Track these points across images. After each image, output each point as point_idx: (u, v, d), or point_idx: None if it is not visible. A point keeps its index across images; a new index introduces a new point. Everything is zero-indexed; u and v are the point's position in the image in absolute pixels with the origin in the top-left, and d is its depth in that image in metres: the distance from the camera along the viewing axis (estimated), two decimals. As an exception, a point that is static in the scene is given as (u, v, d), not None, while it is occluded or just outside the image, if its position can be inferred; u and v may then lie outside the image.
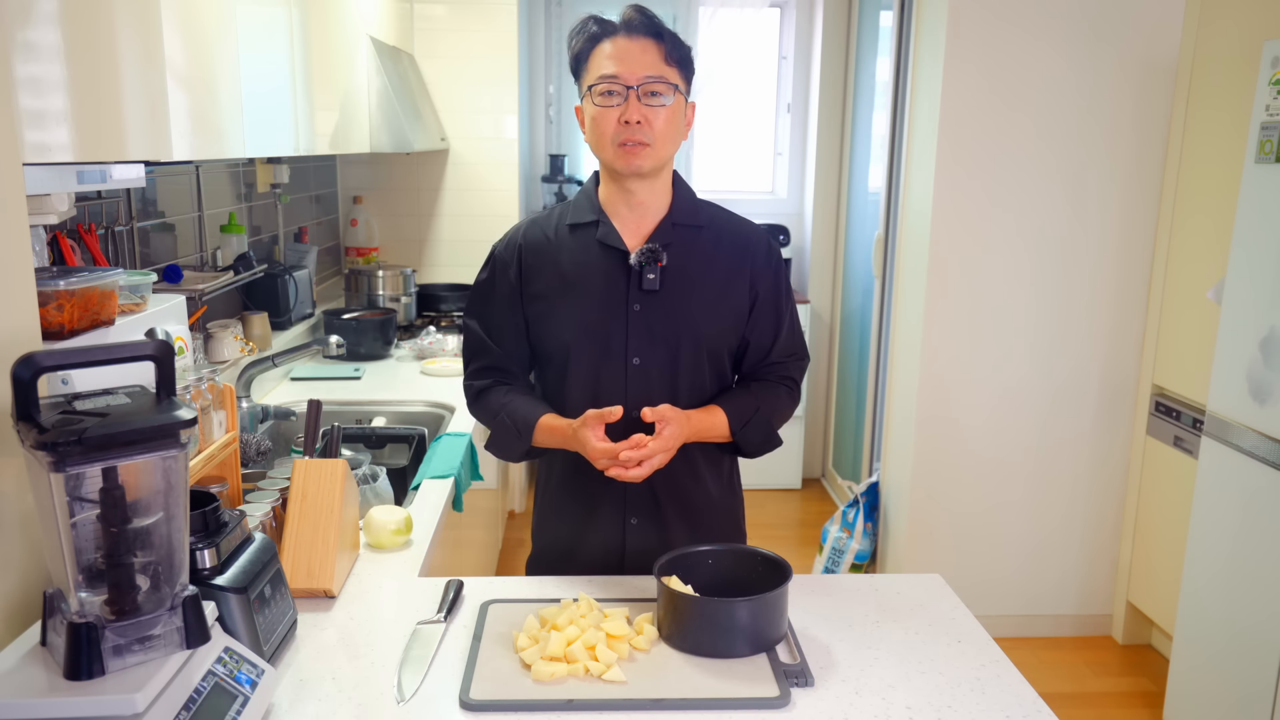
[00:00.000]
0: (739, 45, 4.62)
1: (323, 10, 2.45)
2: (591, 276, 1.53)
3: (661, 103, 1.46)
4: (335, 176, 4.04)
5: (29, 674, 1.02)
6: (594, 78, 1.47)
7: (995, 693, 1.24)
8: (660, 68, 1.46)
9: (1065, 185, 3.06)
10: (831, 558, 3.47)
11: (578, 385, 1.54)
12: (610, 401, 1.51)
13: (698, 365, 1.55)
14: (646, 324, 1.52)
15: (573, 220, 1.56)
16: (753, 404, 1.56)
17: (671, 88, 1.47)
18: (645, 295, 1.52)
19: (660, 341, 1.52)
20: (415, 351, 3.24)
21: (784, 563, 1.37)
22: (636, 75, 1.44)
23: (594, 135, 1.50)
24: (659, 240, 1.53)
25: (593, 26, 1.48)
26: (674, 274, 1.52)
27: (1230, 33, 2.74)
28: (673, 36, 1.49)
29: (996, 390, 3.18)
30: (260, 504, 1.60)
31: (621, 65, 1.44)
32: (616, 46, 1.46)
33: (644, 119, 1.45)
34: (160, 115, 1.44)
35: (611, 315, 1.52)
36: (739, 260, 1.57)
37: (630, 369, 1.53)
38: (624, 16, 1.48)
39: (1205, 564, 2.50)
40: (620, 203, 1.54)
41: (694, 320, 1.53)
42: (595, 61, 1.47)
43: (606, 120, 1.46)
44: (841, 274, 4.54)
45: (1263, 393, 2.30)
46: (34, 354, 1.00)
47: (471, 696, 1.19)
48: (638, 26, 1.46)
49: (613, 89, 1.45)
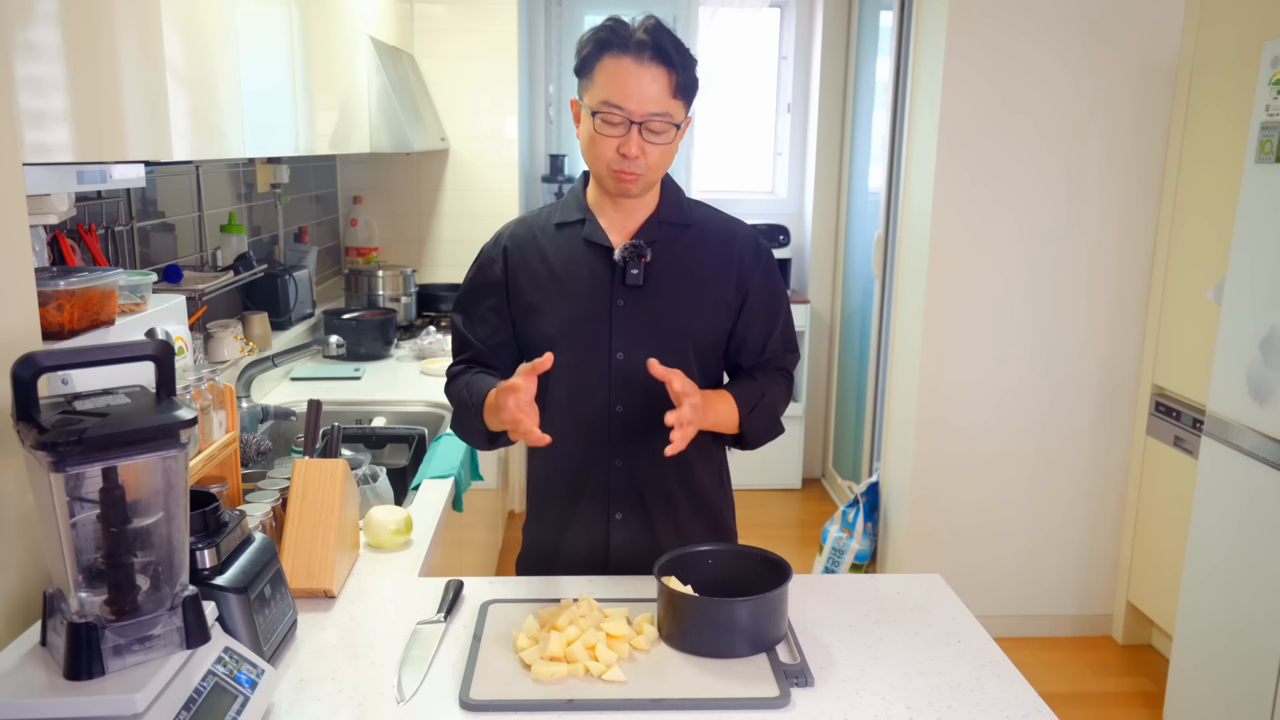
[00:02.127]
0: (739, 45, 4.62)
1: (323, 10, 2.45)
2: (576, 273, 1.54)
3: (662, 140, 1.46)
4: (335, 176, 4.04)
5: (29, 674, 1.02)
6: (598, 100, 1.44)
7: (995, 693, 1.24)
8: (666, 102, 1.44)
9: (1065, 185, 3.06)
10: (831, 558, 3.47)
11: (562, 381, 1.54)
12: (594, 397, 1.52)
13: (684, 362, 1.54)
14: (631, 320, 1.52)
15: (560, 219, 1.58)
16: (757, 390, 1.57)
17: (673, 126, 1.46)
18: (629, 291, 1.52)
19: (645, 337, 1.52)
20: (415, 351, 3.24)
21: (784, 563, 1.37)
22: (642, 111, 1.42)
23: (589, 153, 1.49)
24: (644, 237, 1.53)
25: (604, 34, 1.44)
26: (659, 270, 1.53)
27: (1230, 33, 2.74)
28: (684, 61, 1.45)
29: (996, 390, 3.18)
30: (260, 504, 1.60)
31: (628, 97, 1.42)
32: (625, 70, 1.42)
33: (642, 152, 1.44)
34: (160, 115, 1.44)
35: (595, 311, 1.53)
36: (726, 257, 1.57)
37: (614, 364, 1.53)
38: (638, 37, 1.43)
39: (1205, 564, 2.50)
40: (608, 203, 1.55)
41: (679, 316, 1.54)
42: (603, 77, 1.44)
43: (604, 145, 1.45)
44: (841, 274, 4.54)
45: (1263, 393, 2.30)
46: (34, 354, 1.00)
47: (471, 696, 1.19)
48: (652, 51, 1.42)
49: (615, 120, 1.44)
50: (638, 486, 1.58)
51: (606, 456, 1.57)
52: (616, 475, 1.57)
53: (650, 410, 1.53)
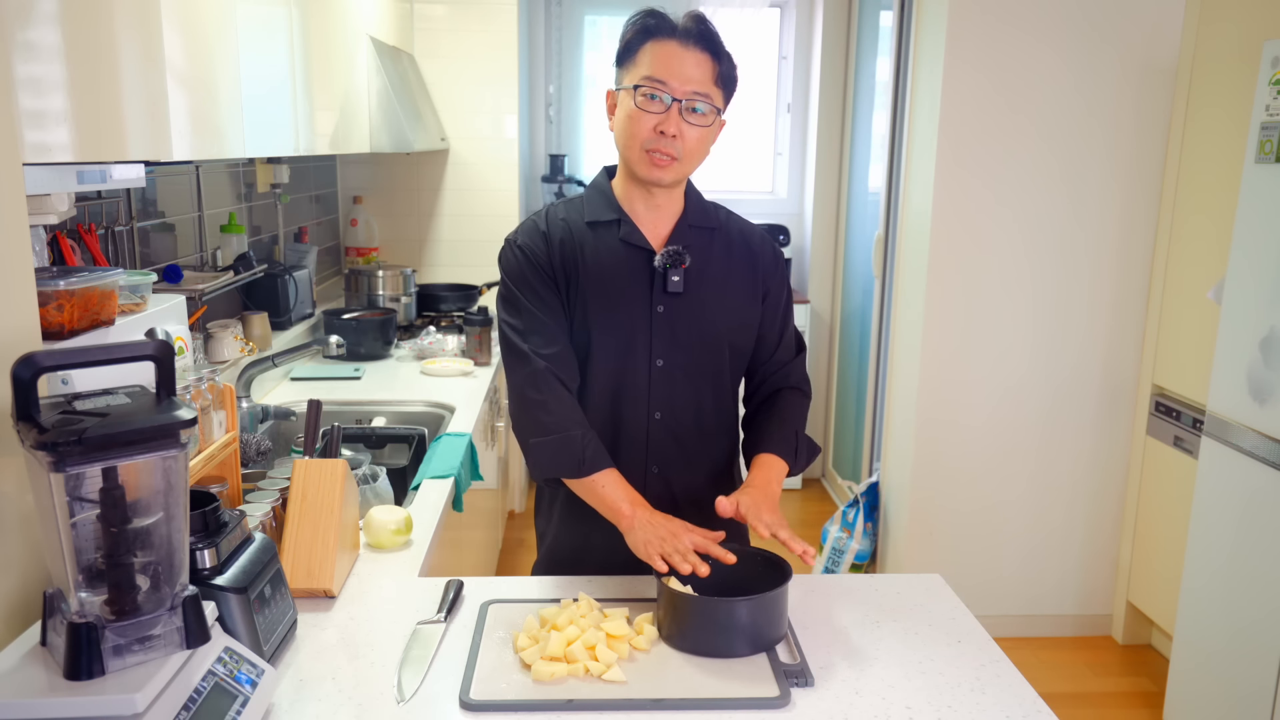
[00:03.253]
0: (739, 45, 4.62)
1: (323, 10, 2.45)
2: (616, 275, 1.51)
3: (702, 122, 1.45)
4: (335, 176, 4.03)
5: (29, 674, 1.02)
6: (640, 76, 1.43)
7: (995, 693, 1.24)
8: (708, 85, 1.44)
9: (1065, 185, 3.06)
10: (831, 558, 3.47)
11: (599, 385, 1.53)
12: (633, 402, 1.51)
13: (719, 367, 1.55)
14: (670, 326, 1.52)
15: (592, 217, 1.54)
16: (790, 430, 1.57)
17: (714, 110, 1.46)
18: (669, 297, 1.51)
19: (683, 344, 1.53)
20: (415, 351, 3.24)
21: (784, 563, 1.37)
22: (685, 88, 1.42)
23: (625, 133, 1.47)
24: (678, 242, 1.52)
25: (650, 21, 1.45)
26: (693, 276, 1.52)
27: (1230, 33, 2.74)
28: (729, 57, 1.46)
29: (996, 390, 3.18)
30: (260, 504, 1.59)
31: (671, 73, 1.42)
32: (670, 51, 1.42)
33: (680, 133, 1.44)
34: (160, 115, 1.44)
35: (635, 316, 1.51)
36: (752, 261, 1.58)
37: (654, 371, 1.53)
38: (684, 24, 1.44)
39: (1205, 564, 2.50)
40: (638, 201, 1.53)
41: (715, 322, 1.54)
42: (645, 59, 1.44)
43: (642, 123, 1.44)
44: (841, 274, 4.54)
45: (1263, 393, 2.30)
46: (34, 354, 1.00)
47: (471, 696, 1.19)
48: (696, 36, 1.43)
49: (657, 93, 1.43)
50: (672, 492, 1.58)
51: (643, 462, 1.57)
52: (652, 481, 1.57)
53: (688, 418, 1.54)
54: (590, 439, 1.46)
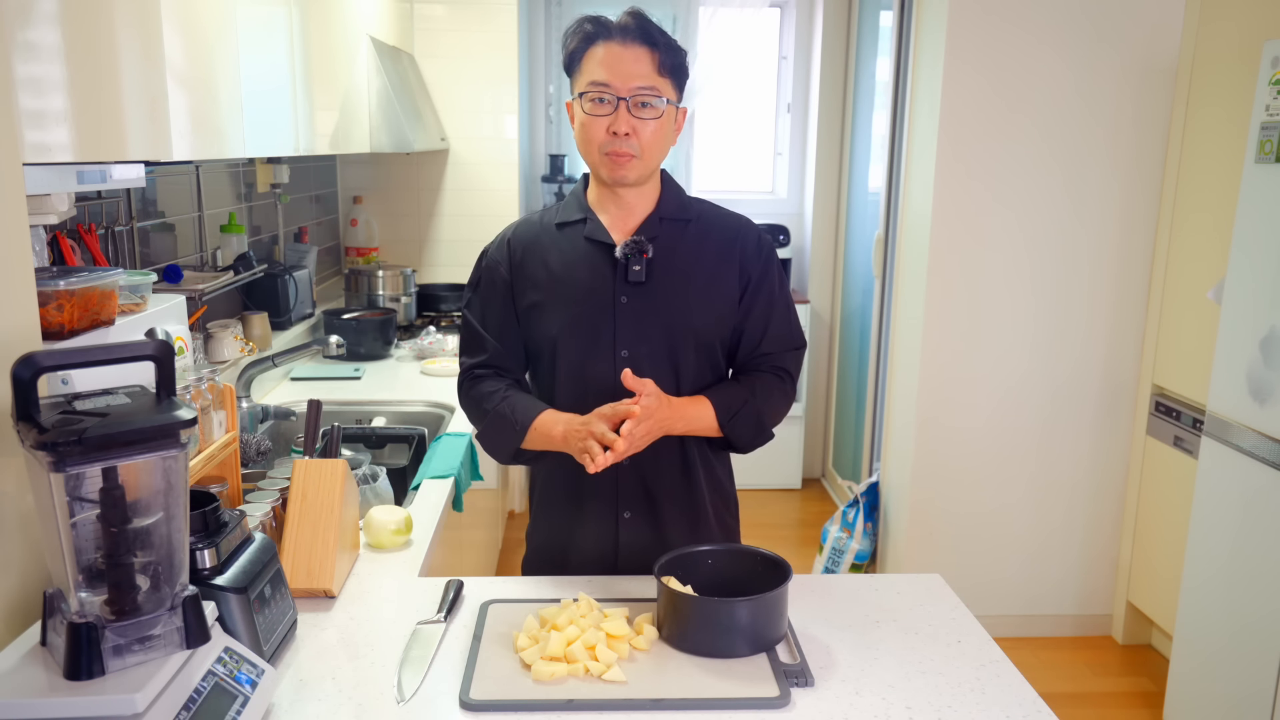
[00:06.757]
0: (739, 45, 4.62)
1: (323, 10, 2.45)
2: (579, 271, 1.54)
3: (651, 115, 1.46)
4: (335, 176, 4.04)
5: (29, 674, 1.02)
6: (585, 83, 1.47)
7: (995, 693, 1.24)
8: (652, 78, 1.45)
9: (1065, 185, 3.06)
10: (831, 558, 3.47)
11: (567, 378, 1.55)
12: (601, 394, 1.50)
13: (689, 358, 1.54)
14: (635, 316, 1.52)
15: (561, 219, 1.58)
16: (742, 395, 1.55)
17: (662, 100, 1.47)
18: (632, 287, 1.52)
19: (649, 334, 1.52)
20: (415, 351, 3.24)
21: (784, 563, 1.37)
22: (628, 86, 1.44)
23: (582, 140, 1.50)
24: (646, 233, 1.53)
25: (588, 26, 1.48)
26: (661, 266, 1.53)
27: (1230, 33, 2.74)
28: (667, 44, 1.48)
29: (997, 390, 3.18)
30: (260, 504, 1.60)
31: (613, 74, 1.44)
32: (610, 52, 1.45)
33: (632, 130, 1.45)
34: (160, 115, 1.44)
35: (599, 308, 1.52)
36: (728, 251, 1.57)
37: (619, 361, 1.52)
38: (620, 21, 1.47)
39: (1205, 564, 2.50)
40: (608, 201, 1.56)
41: (682, 312, 1.53)
42: (588, 65, 1.47)
43: (595, 128, 1.47)
44: (841, 274, 4.54)
45: (1263, 393, 2.30)
46: (34, 354, 1.00)
47: (471, 696, 1.19)
48: (633, 33, 1.45)
49: (603, 96, 1.45)
50: (646, 485, 1.58)
51: None
52: (625, 474, 1.56)
53: None
54: (509, 397, 1.54)
